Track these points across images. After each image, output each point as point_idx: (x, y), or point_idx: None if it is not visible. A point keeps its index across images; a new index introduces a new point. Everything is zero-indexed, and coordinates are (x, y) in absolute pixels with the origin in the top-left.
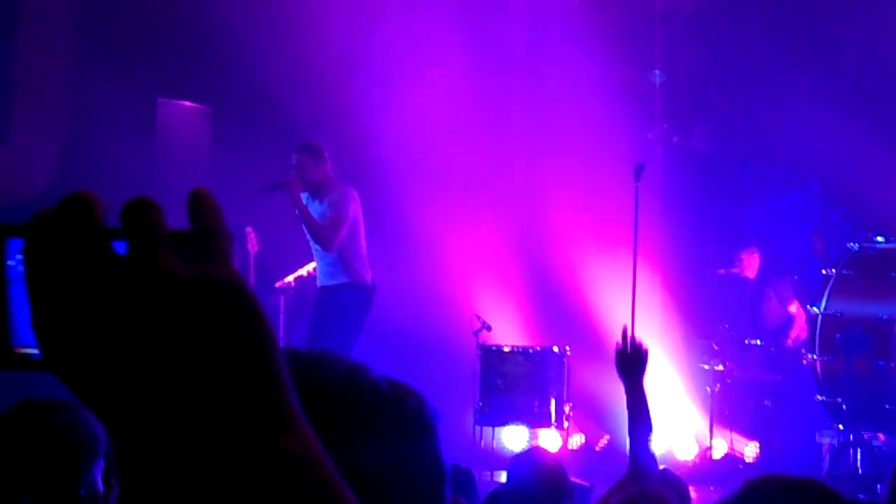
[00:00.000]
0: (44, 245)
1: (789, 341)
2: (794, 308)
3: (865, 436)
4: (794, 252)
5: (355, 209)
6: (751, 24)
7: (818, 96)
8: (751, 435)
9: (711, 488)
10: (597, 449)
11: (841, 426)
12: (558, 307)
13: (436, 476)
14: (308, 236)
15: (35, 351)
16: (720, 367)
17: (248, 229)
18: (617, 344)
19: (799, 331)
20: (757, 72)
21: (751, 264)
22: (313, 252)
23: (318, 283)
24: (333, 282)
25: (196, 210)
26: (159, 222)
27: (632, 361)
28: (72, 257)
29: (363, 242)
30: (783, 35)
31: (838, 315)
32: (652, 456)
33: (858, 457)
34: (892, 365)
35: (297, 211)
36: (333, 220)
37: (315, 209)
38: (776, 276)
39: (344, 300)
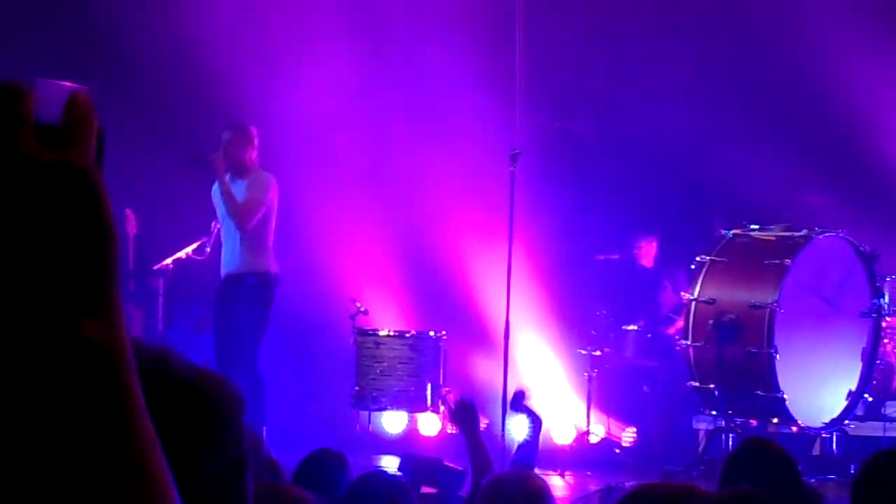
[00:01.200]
0: None
1: (673, 328)
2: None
3: (737, 421)
4: (677, 242)
5: (273, 197)
6: (636, 11)
7: (693, 84)
8: (628, 420)
9: (588, 473)
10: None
11: (714, 412)
12: (435, 292)
13: (236, 466)
14: (224, 215)
15: None
16: (598, 353)
17: (128, 211)
18: (450, 401)
19: None
20: (636, 58)
21: (649, 252)
22: (223, 237)
23: (223, 270)
24: (237, 270)
25: (69, 105)
26: (25, 109)
27: (464, 414)
28: None
29: (272, 233)
30: (662, 23)
31: (711, 301)
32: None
33: (730, 442)
34: (764, 351)
35: (218, 185)
36: (252, 201)
37: (235, 189)
38: (670, 266)
39: (248, 290)
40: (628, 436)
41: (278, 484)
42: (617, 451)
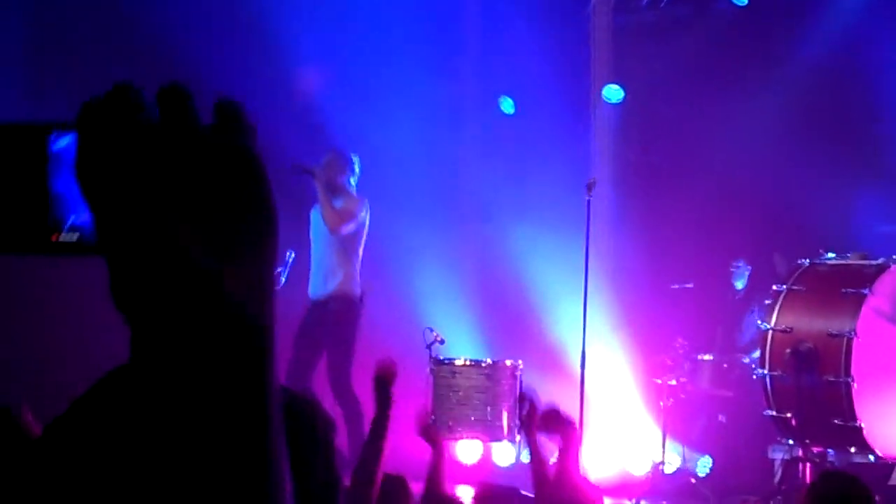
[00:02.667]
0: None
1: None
2: None
3: (815, 451)
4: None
5: (365, 217)
6: (706, 40)
7: (769, 114)
8: (704, 449)
9: (664, 503)
10: (550, 462)
11: (790, 441)
12: (511, 321)
13: (329, 483)
14: (317, 233)
15: (72, 237)
16: (673, 382)
17: None
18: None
19: None
20: (710, 87)
21: (743, 274)
22: (313, 260)
23: (310, 295)
24: (321, 295)
25: (220, 105)
26: (192, 105)
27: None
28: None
29: (359, 258)
30: (735, 52)
31: (788, 330)
32: None
33: (807, 472)
34: (842, 380)
35: (318, 193)
36: (346, 209)
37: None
38: (761, 291)
39: (331, 315)
40: (704, 465)
41: None
42: (693, 480)
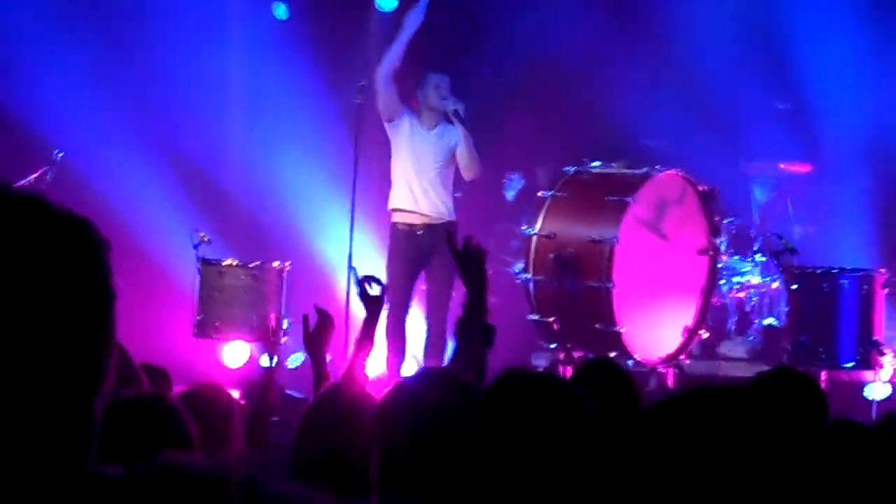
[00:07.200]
0: None
1: None
2: None
3: (576, 355)
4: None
5: None
6: None
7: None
8: None
9: None
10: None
11: (553, 345)
12: (279, 226)
13: (101, 300)
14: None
15: None
16: None
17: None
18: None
19: None
20: None
21: (515, 186)
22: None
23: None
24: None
25: None
26: None
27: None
28: None
29: None
30: None
31: (552, 236)
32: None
33: (568, 375)
34: (602, 285)
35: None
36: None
37: None
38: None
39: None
40: None
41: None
42: None
